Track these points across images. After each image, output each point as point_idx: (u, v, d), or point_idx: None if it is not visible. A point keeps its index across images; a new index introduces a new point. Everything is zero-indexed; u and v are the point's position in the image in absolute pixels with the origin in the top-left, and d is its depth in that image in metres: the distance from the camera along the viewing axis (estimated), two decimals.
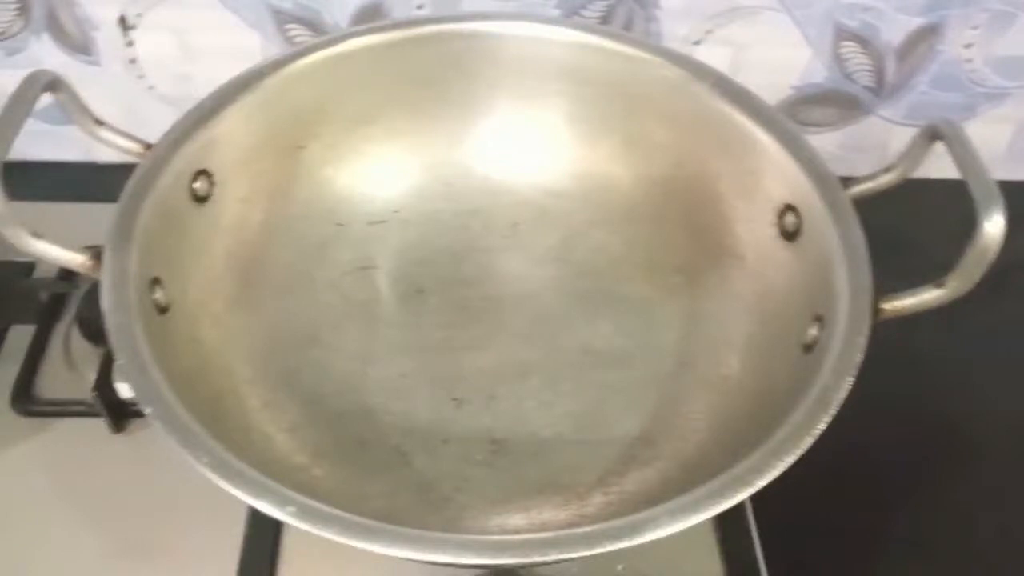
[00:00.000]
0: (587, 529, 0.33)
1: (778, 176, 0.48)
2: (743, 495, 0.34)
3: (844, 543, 0.50)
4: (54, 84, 0.44)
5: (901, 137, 0.68)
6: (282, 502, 0.33)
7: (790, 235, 0.47)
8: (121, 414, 0.51)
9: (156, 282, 0.42)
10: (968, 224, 0.38)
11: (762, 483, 0.34)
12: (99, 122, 0.46)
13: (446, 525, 0.42)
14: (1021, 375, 0.59)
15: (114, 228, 0.42)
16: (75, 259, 0.40)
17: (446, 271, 0.54)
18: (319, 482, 0.43)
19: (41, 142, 0.65)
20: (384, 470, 0.45)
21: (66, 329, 0.55)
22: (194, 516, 0.48)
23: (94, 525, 0.48)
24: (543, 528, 0.42)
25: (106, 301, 0.39)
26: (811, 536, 0.50)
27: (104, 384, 0.50)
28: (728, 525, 0.48)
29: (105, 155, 0.48)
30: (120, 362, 0.37)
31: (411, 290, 0.53)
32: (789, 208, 0.47)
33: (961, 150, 0.41)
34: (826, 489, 0.50)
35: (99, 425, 0.51)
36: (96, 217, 0.44)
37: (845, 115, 0.67)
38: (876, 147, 0.69)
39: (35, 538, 0.48)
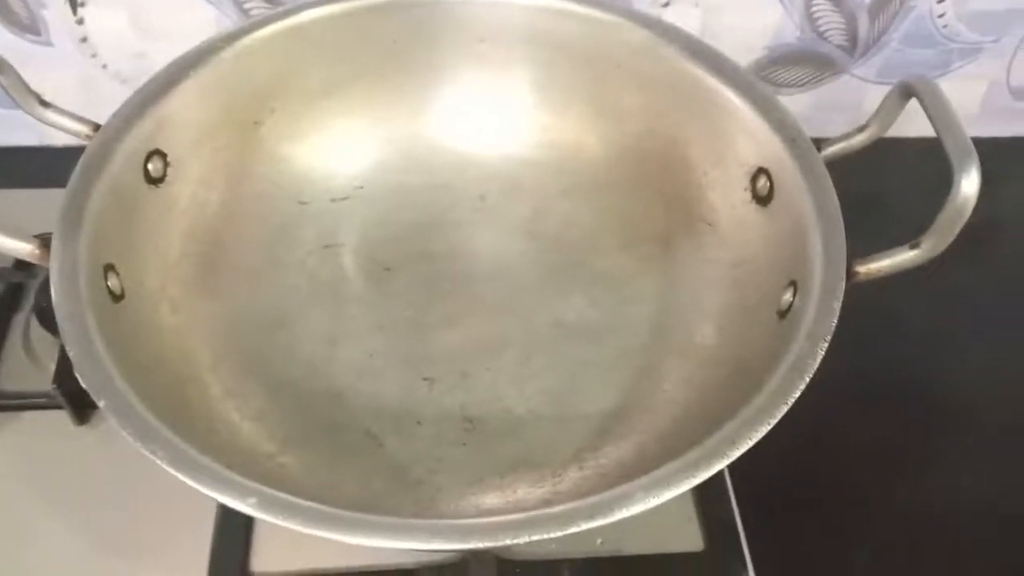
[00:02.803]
0: (559, 508, 0.32)
1: (750, 139, 0.47)
2: (717, 467, 0.33)
3: (824, 510, 0.50)
4: None
5: (875, 96, 0.66)
6: (243, 494, 0.32)
7: (763, 199, 0.46)
8: (84, 405, 0.50)
9: (109, 269, 0.41)
10: (942, 183, 0.38)
11: (736, 454, 0.34)
12: (45, 103, 0.45)
13: (420, 508, 0.42)
14: (997, 336, 0.58)
15: (63, 214, 0.40)
16: (22, 248, 0.39)
17: (413, 247, 0.53)
18: (288, 470, 0.42)
19: None
20: (356, 454, 0.44)
21: (25, 320, 0.54)
22: (163, 506, 0.46)
23: (60, 519, 0.47)
24: (518, 506, 0.41)
25: (55, 291, 0.37)
26: (790, 504, 0.49)
27: (65, 375, 0.48)
28: (707, 495, 0.47)
29: (61, 139, 0.47)
30: (71, 353, 0.35)
31: (378, 268, 0.52)
32: (761, 171, 0.46)
33: (935, 107, 0.40)
34: (804, 456, 0.50)
35: (62, 417, 0.50)
36: (51, 203, 0.42)
37: (818, 75, 0.66)
38: (850, 106, 0.68)
39: None
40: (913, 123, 0.42)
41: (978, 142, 0.38)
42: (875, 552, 0.48)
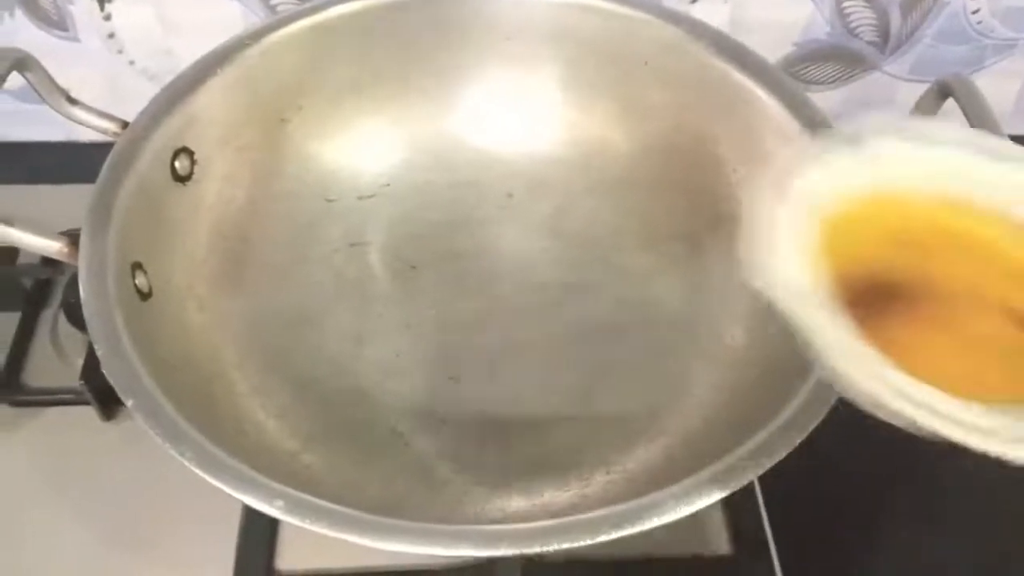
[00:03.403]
0: (589, 516, 0.32)
1: (780, 137, 0.46)
2: (751, 476, 0.33)
3: (854, 514, 0.49)
4: (23, 62, 0.42)
5: (906, 93, 0.66)
6: (270, 496, 0.32)
7: None
8: (110, 401, 0.50)
9: (137, 267, 0.41)
10: None
11: (771, 463, 0.33)
12: (72, 101, 0.45)
13: (445, 510, 0.41)
14: None
15: (91, 212, 0.40)
16: (51, 246, 0.39)
17: (439, 245, 0.52)
18: (313, 469, 0.42)
19: (19, 122, 0.63)
20: (380, 454, 0.44)
21: (53, 316, 0.54)
22: (188, 503, 0.46)
23: (86, 515, 0.47)
24: (545, 510, 0.41)
25: (84, 289, 0.37)
26: (820, 508, 0.49)
27: (92, 372, 0.49)
28: (734, 498, 0.46)
29: (86, 135, 0.47)
30: (100, 352, 0.35)
31: (404, 266, 0.51)
32: None
33: (973, 106, 0.39)
34: (836, 459, 0.49)
35: (88, 413, 0.50)
36: (77, 199, 0.42)
37: (848, 72, 0.65)
38: (881, 103, 0.66)
39: (25, 530, 0.47)
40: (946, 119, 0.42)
41: (1014, 140, 0.37)
42: (904, 561, 0.47)
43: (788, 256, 0.29)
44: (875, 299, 0.30)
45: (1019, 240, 0.31)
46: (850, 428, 0.39)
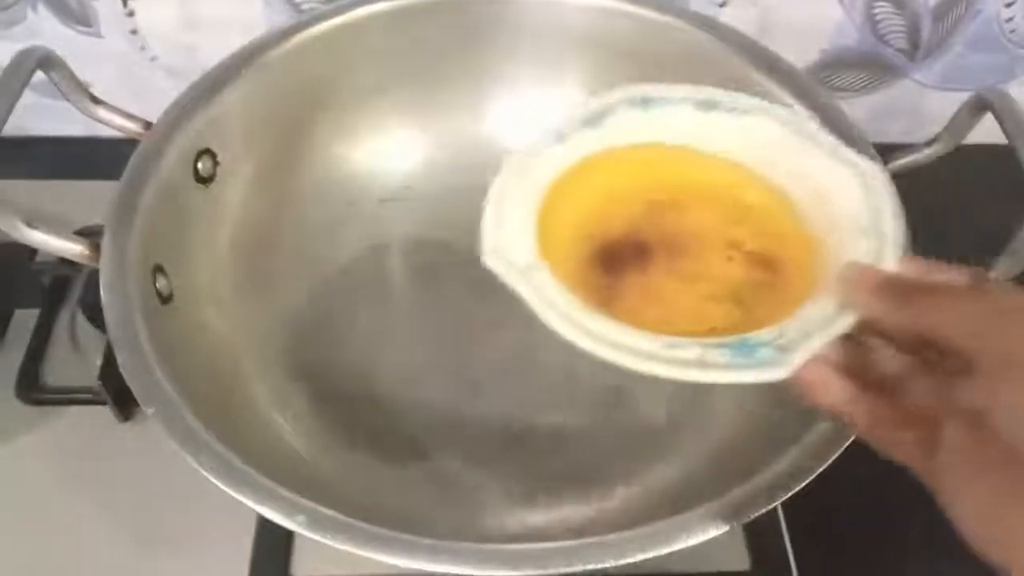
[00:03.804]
0: (614, 537, 0.31)
1: None
2: (780, 498, 0.32)
3: (877, 531, 0.48)
4: (47, 61, 0.42)
5: (936, 102, 0.65)
6: (291, 511, 0.31)
7: None
8: (128, 402, 0.49)
9: (158, 270, 0.40)
10: (1012, 192, 0.36)
11: (798, 487, 0.32)
12: (96, 100, 0.44)
13: (463, 522, 0.41)
14: None
15: (113, 215, 0.40)
16: (72, 249, 0.39)
17: (460, 249, 0.51)
18: (330, 475, 0.42)
19: (39, 116, 0.62)
20: (398, 462, 0.44)
21: (70, 314, 0.54)
22: (204, 506, 0.46)
23: (102, 515, 0.47)
24: (564, 524, 0.41)
25: (105, 294, 0.37)
26: (841, 524, 0.48)
27: (110, 372, 0.48)
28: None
29: (106, 130, 0.47)
30: (121, 359, 0.35)
31: (425, 270, 0.51)
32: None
33: (1011, 120, 0.39)
34: (859, 474, 0.48)
35: (105, 413, 0.50)
36: (98, 195, 0.42)
37: (877, 79, 0.64)
38: (909, 112, 0.66)
39: (43, 529, 0.46)
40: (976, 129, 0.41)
41: None
42: None
43: (514, 231, 0.32)
44: (631, 253, 0.32)
45: (738, 181, 0.34)
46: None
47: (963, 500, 0.23)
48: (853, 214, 0.30)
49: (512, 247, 0.31)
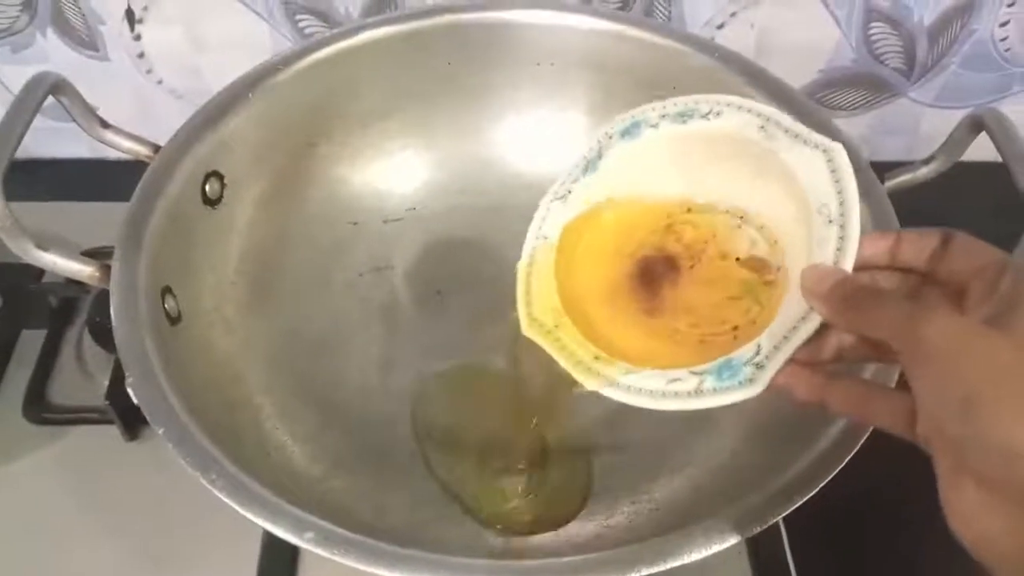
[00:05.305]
0: (621, 551, 0.32)
1: None
2: (785, 511, 0.32)
3: (879, 543, 0.48)
4: (59, 86, 0.42)
5: (932, 120, 0.66)
6: (301, 528, 0.32)
7: None
8: (135, 422, 0.50)
9: (167, 291, 0.41)
10: (1007, 208, 0.37)
11: (803, 499, 0.33)
12: (105, 124, 0.45)
13: (471, 538, 0.41)
14: None
15: (123, 237, 0.40)
16: (83, 271, 0.39)
17: (465, 270, 0.52)
18: (337, 494, 0.42)
19: (47, 139, 0.63)
20: (404, 481, 0.44)
21: (78, 334, 0.54)
22: (210, 522, 0.46)
23: (109, 534, 0.47)
24: (569, 540, 0.41)
25: (115, 316, 0.38)
26: (843, 534, 0.48)
27: (117, 391, 0.49)
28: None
29: (113, 152, 0.47)
30: (130, 380, 0.36)
31: (429, 290, 0.52)
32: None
33: (1005, 141, 0.39)
34: (860, 485, 0.48)
35: (113, 432, 0.50)
36: (106, 216, 0.43)
37: (874, 98, 0.65)
38: (906, 130, 0.66)
39: (49, 547, 0.47)
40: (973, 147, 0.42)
41: None
42: None
43: (536, 302, 0.36)
44: (663, 269, 0.36)
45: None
46: (876, 458, 0.39)
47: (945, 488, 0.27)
48: (824, 201, 0.31)
49: (535, 319, 0.36)
